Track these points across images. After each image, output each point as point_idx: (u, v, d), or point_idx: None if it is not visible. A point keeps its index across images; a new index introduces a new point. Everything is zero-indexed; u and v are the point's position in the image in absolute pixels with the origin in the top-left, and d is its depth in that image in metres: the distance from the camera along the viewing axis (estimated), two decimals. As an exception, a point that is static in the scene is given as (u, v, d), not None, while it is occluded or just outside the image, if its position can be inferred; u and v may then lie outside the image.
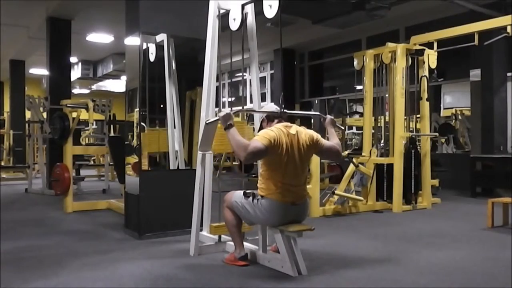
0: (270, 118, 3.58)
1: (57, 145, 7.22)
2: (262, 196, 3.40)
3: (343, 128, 3.77)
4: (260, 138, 3.28)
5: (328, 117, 3.73)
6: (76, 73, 15.95)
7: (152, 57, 5.04)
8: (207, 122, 3.73)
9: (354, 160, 6.39)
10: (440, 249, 4.19)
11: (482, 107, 8.50)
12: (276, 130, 3.36)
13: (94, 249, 4.19)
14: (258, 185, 3.50)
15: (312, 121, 12.24)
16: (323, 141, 3.54)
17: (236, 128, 3.35)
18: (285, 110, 3.58)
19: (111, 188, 8.70)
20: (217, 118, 3.58)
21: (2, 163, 12.60)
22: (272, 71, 13.90)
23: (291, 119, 3.68)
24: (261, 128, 3.67)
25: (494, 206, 5.12)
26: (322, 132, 3.95)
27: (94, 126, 13.03)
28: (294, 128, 3.44)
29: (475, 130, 8.87)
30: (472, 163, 7.99)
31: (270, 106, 3.71)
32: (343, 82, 13.80)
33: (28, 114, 11.89)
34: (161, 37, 5.06)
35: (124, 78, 15.15)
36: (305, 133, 3.47)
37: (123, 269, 3.53)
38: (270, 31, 6.17)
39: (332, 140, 3.61)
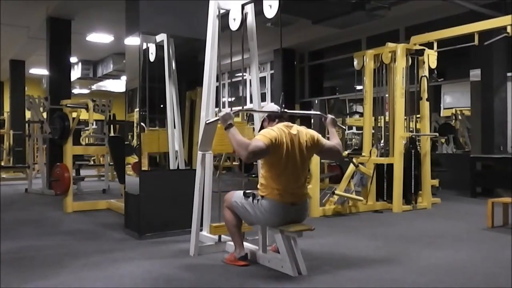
0: (271, 117, 3.56)
1: (57, 145, 7.22)
2: (262, 197, 3.40)
3: (344, 127, 3.79)
4: (262, 138, 3.28)
5: (329, 116, 3.72)
6: (76, 73, 15.94)
7: (152, 57, 5.04)
8: (207, 122, 3.73)
9: (354, 160, 6.39)
10: (440, 249, 4.19)
11: (482, 107, 8.50)
12: (277, 130, 3.36)
13: (94, 249, 4.19)
14: (258, 185, 3.50)
15: (312, 121, 12.25)
16: (324, 141, 3.54)
17: (236, 128, 3.35)
18: (285, 110, 3.57)
19: (111, 188, 8.70)
20: (217, 118, 3.58)
21: (2, 163, 12.59)
22: (272, 71, 13.90)
23: (292, 118, 3.68)
24: (261, 128, 3.66)
25: (494, 206, 5.12)
26: (323, 131, 3.95)
27: (94, 126, 13.03)
28: (295, 128, 3.44)
29: (475, 130, 8.87)
30: (472, 163, 7.99)
31: (271, 106, 3.70)
32: (343, 82, 13.80)
33: (28, 114, 11.89)
34: (161, 37, 5.06)
35: (124, 78, 15.15)
36: (306, 133, 3.47)
37: (123, 269, 3.53)
38: (270, 31, 6.17)
39: (333, 140, 3.60)
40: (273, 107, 3.65)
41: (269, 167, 3.39)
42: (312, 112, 3.94)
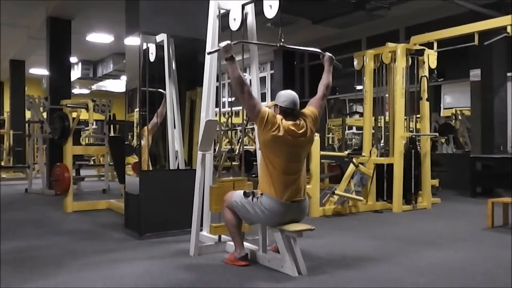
0: (286, 113, 3.46)
1: (57, 145, 7.22)
2: (261, 194, 3.41)
3: (341, 66, 3.85)
4: (264, 107, 3.36)
5: (327, 54, 3.80)
6: (76, 73, 15.94)
7: (152, 57, 5.03)
8: (207, 52, 3.82)
9: (354, 160, 6.39)
10: (440, 249, 4.19)
11: (482, 107, 8.50)
12: (283, 127, 3.33)
13: (94, 249, 4.19)
14: (258, 184, 3.50)
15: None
16: (314, 108, 3.60)
17: (236, 184, 3.47)
18: (284, 44, 3.69)
19: (111, 188, 8.70)
20: (217, 48, 3.56)
21: (2, 163, 12.59)
22: (272, 71, 13.90)
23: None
24: None
25: (494, 206, 5.12)
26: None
27: (94, 126, 13.05)
28: (303, 125, 3.42)
29: (475, 130, 8.87)
30: (472, 163, 7.99)
31: (288, 93, 3.57)
32: (343, 82, 13.80)
33: (28, 114, 11.90)
34: (161, 37, 5.06)
35: (124, 78, 15.14)
36: (309, 123, 3.47)
37: (123, 269, 3.53)
38: (270, 31, 6.15)
39: (322, 81, 3.73)
40: (290, 94, 3.52)
41: (270, 165, 3.39)
42: (310, 48, 3.99)
